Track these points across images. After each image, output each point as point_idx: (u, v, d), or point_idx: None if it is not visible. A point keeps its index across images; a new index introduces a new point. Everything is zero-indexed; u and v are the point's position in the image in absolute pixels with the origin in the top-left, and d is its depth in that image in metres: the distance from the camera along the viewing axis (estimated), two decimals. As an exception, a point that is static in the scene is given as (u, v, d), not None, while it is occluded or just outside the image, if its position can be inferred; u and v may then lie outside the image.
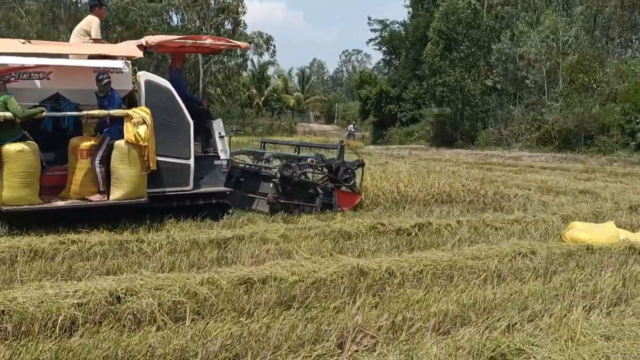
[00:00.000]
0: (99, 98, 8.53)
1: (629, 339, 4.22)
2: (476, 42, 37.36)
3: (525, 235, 8.53)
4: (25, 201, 7.80)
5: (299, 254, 6.69)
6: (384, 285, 5.62)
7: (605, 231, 8.06)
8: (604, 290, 5.59)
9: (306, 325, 4.44)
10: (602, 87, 31.13)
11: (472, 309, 4.99)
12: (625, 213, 10.51)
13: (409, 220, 8.81)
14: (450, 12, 37.25)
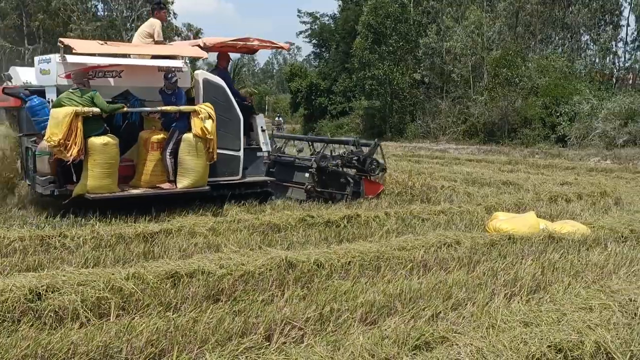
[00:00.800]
0: (167, 95, 9.25)
1: (546, 325, 4.37)
2: (404, 36, 37.88)
3: (451, 225, 8.72)
4: (108, 190, 8.51)
5: (228, 247, 6.67)
6: (313, 277, 5.65)
7: (526, 221, 8.31)
8: (524, 279, 5.77)
9: (234, 319, 4.43)
10: (524, 82, 32.10)
11: (398, 298, 5.08)
12: (545, 203, 10.87)
13: (338, 213, 8.88)
14: (378, 6, 37.62)
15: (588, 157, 23.44)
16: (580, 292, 5.39)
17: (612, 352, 3.96)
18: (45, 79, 9.04)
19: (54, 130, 8.13)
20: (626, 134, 27.39)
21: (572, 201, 11.35)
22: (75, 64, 8.67)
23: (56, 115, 8.21)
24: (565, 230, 8.04)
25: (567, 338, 4.02)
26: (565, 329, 4.23)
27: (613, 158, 23.25)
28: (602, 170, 19.79)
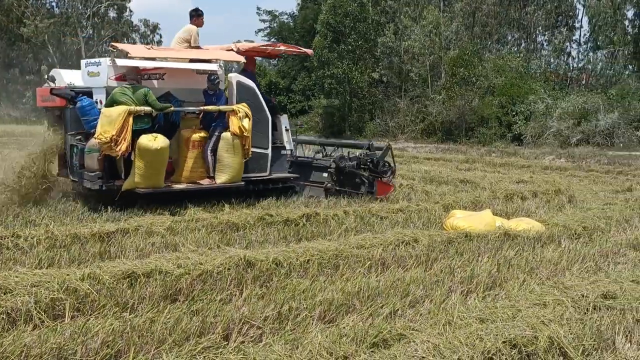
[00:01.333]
0: (209, 95, 9.90)
1: (502, 321, 4.44)
2: (363, 35, 38.00)
3: (409, 224, 8.79)
4: (156, 185, 9.12)
5: (186, 247, 6.61)
6: (271, 276, 5.64)
7: (482, 219, 8.42)
8: (480, 275, 5.85)
9: (191, 318, 4.40)
10: (481, 81, 32.53)
11: (357, 297, 5.10)
12: (502, 201, 11.03)
13: (297, 211, 8.88)
14: (337, 5, 37.68)
15: (543, 156, 23.86)
16: (535, 289, 5.50)
17: (564, 347, 4.04)
18: (93, 81, 9.56)
19: (106, 127, 8.65)
20: (579, 133, 27.98)
21: (528, 199, 11.54)
22: (125, 67, 9.23)
23: (109, 113, 8.73)
24: (521, 228, 8.17)
25: (522, 334, 4.09)
26: (519, 324, 4.30)
27: (567, 156, 23.71)
28: (557, 168, 20.17)
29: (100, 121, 8.79)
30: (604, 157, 22.82)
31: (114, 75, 9.21)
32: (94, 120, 9.02)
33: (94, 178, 9.04)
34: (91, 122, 9.05)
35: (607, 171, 19.40)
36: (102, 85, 9.30)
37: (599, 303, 4.98)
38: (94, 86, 9.51)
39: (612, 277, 5.91)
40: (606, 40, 37.11)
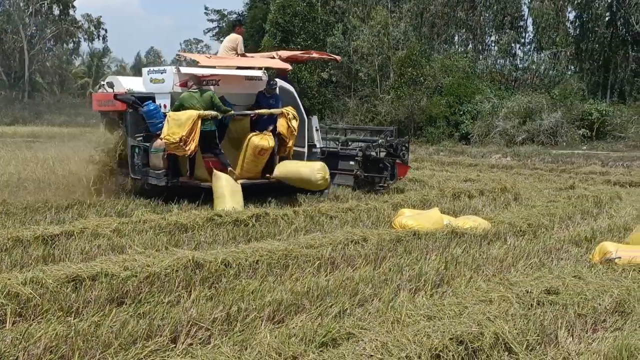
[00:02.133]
0: (266, 98, 10.78)
1: (449, 318, 4.50)
2: (312, 35, 38.04)
3: (358, 223, 8.84)
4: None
5: (133, 249, 6.50)
6: (220, 277, 5.60)
7: (430, 217, 8.51)
8: (428, 273, 5.91)
9: (138, 321, 4.33)
10: (429, 81, 32.95)
11: (306, 296, 5.10)
12: (449, 200, 11.18)
13: (246, 211, 8.83)
14: (286, 4, 37.62)
15: (490, 154, 24.30)
16: (481, 285, 5.59)
17: (509, 342, 4.11)
18: (157, 87, 10.37)
19: (175, 129, 9.45)
20: (524, 132, 28.58)
21: (475, 197, 11.73)
22: (188, 74, 10.07)
23: (177, 117, 9.55)
24: (468, 226, 8.29)
25: (468, 330, 4.15)
26: (466, 321, 4.36)
27: (513, 155, 24.18)
28: (503, 166, 20.57)
29: (167, 123, 9.58)
30: (548, 156, 23.35)
31: (179, 82, 10.03)
32: (159, 122, 9.82)
33: (160, 175, 9.95)
34: (157, 125, 9.85)
35: (551, 169, 19.89)
36: (166, 91, 10.15)
37: (543, 298, 5.09)
38: (158, 92, 10.30)
39: (555, 273, 6.04)
40: (549, 41, 38.01)
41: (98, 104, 11.20)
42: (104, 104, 10.89)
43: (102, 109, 11.20)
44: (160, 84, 10.30)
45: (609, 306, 5.01)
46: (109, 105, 10.69)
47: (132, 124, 10.42)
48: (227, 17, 58.76)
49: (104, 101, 10.84)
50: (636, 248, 7.02)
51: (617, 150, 25.41)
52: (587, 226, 9.21)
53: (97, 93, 11.42)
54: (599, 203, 11.31)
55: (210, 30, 61.31)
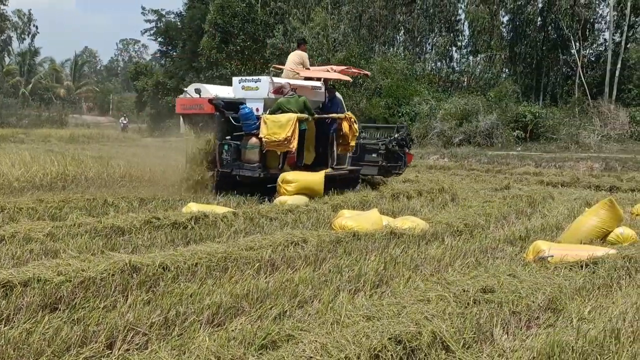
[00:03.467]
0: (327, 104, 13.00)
1: (388, 318, 4.53)
2: (252, 36, 37.90)
3: (298, 224, 8.83)
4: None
5: (67, 253, 6.32)
6: (158, 281, 5.50)
7: (369, 218, 8.58)
8: (367, 274, 5.95)
9: (72, 328, 4.22)
10: (368, 83, 33.22)
11: (246, 299, 5.06)
12: (388, 200, 11.31)
13: (186, 214, 8.72)
14: (225, 5, 37.38)
15: (428, 155, 24.67)
16: (419, 285, 5.66)
17: (447, 341, 4.17)
18: (250, 94, 12.07)
19: (276, 130, 11.11)
20: (461, 134, 29.14)
21: (413, 198, 11.89)
22: (279, 84, 11.89)
23: (277, 119, 11.17)
24: (406, 226, 8.39)
25: (406, 330, 4.19)
26: (404, 321, 4.40)
27: (450, 156, 24.62)
28: (441, 167, 20.93)
29: (265, 125, 11.22)
30: (484, 157, 23.86)
31: (272, 89, 11.81)
32: (253, 124, 11.46)
33: (254, 168, 11.56)
34: (251, 125, 11.49)
35: (487, 170, 20.34)
36: (261, 97, 11.92)
37: (479, 297, 5.18)
38: (251, 97, 11.99)
39: (490, 272, 6.16)
40: (484, 45, 38.84)
41: (182, 108, 12.63)
42: (188, 108, 12.45)
43: (185, 112, 12.61)
44: (254, 91, 12.03)
45: (542, 303, 5.14)
46: (194, 109, 12.29)
47: (219, 124, 11.98)
48: (164, 17, 57.91)
49: (188, 105, 12.46)
50: (568, 247, 7.24)
51: (549, 151, 26.15)
52: (521, 225, 9.45)
53: (181, 98, 13.05)
54: (532, 203, 11.61)
55: (147, 31, 60.27)
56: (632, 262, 6.57)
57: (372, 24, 40.19)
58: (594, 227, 7.93)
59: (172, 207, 9.90)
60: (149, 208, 9.74)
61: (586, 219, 8.11)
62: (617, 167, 20.34)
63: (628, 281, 6.11)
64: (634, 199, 13.19)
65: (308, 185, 11.07)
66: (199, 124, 12.27)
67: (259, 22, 38.94)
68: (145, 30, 61.76)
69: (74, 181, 11.95)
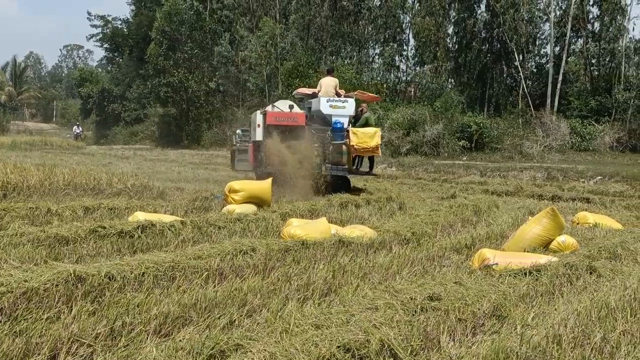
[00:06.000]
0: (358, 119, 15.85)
1: (336, 326, 4.55)
2: (199, 43, 37.68)
3: (247, 233, 8.80)
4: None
5: (8, 263, 6.15)
6: (104, 291, 5.39)
7: (318, 227, 8.60)
8: (316, 282, 5.96)
9: (14, 340, 4.10)
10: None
11: (194, 308, 5.01)
12: (337, 209, 11.36)
13: (132, 223, 8.58)
14: (173, 12, 37.10)
15: (376, 165, 24.83)
16: (368, 293, 5.68)
17: (395, 349, 4.21)
18: (337, 111, 14.94)
19: (366, 139, 14.61)
20: (409, 143, 29.52)
21: (361, 206, 11.97)
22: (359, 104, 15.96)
23: (366, 131, 14.84)
24: (355, 235, 8.43)
25: (355, 338, 4.21)
26: (353, 329, 4.42)
27: (398, 165, 24.88)
28: (389, 176, 21.14)
29: (355, 135, 14.63)
30: (431, 166, 24.20)
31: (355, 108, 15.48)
32: (343, 135, 14.79)
33: (344, 170, 15.10)
34: (342, 135, 14.79)
35: (434, 179, 20.63)
36: (347, 114, 15.16)
37: (426, 305, 5.23)
38: (339, 114, 14.93)
39: (437, 280, 6.24)
40: (430, 56, 39.45)
41: (274, 120, 14.43)
42: (281, 120, 14.44)
43: (278, 124, 14.42)
44: (342, 109, 14.93)
45: (487, 310, 5.23)
46: (288, 121, 14.42)
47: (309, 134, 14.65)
48: (111, 22, 57.07)
49: (281, 118, 14.47)
50: (512, 254, 7.39)
51: (494, 160, 26.68)
52: (467, 234, 9.59)
53: (272, 111, 14.72)
54: (478, 211, 11.82)
55: (93, 36, 59.29)
56: (574, 269, 6.74)
57: (319, 33, 40.40)
58: (537, 236, 8.12)
59: (118, 216, 9.75)
60: (94, 217, 9.57)
61: (529, 227, 8.29)
62: (559, 177, 20.88)
63: (569, 288, 6.26)
64: (574, 208, 13.57)
65: (256, 194, 11.04)
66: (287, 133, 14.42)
67: (207, 30, 38.71)
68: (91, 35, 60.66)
69: (16, 189, 11.63)
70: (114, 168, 19.56)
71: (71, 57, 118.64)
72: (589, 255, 7.53)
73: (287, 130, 14.43)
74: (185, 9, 38.16)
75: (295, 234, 8.18)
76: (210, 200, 11.86)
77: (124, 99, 49.93)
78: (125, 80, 50.46)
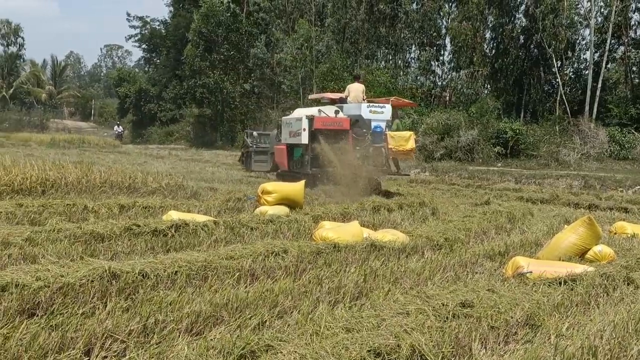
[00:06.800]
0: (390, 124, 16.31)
1: (367, 330, 4.54)
2: (235, 45, 37.92)
3: (279, 235, 8.83)
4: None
5: (46, 258, 6.27)
6: (137, 288, 5.47)
7: (350, 230, 8.58)
8: (347, 286, 5.96)
9: (50, 334, 4.18)
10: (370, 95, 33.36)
11: (225, 308, 5.05)
12: (369, 213, 11.33)
13: (166, 222, 8.67)
14: (210, 14, 37.40)
15: (409, 169, 24.74)
16: (399, 298, 5.66)
17: (425, 354, 4.19)
18: (376, 116, 15.74)
19: (402, 142, 15.00)
20: (442, 148, 29.33)
21: (394, 211, 11.92)
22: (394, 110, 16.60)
23: (402, 135, 15.25)
24: (387, 239, 8.40)
25: (386, 342, 4.21)
26: (383, 333, 4.42)
27: (431, 170, 24.74)
28: (422, 181, 21.03)
29: (392, 139, 15.02)
30: (465, 172, 24.01)
31: (392, 115, 16.13)
32: (382, 137, 15.41)
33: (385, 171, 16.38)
34: (381, 138, 15.44)
35: (468, 185, 20.46)
36: (385, 119, 15.80)
37: (458, 311, 5.20)
38: (377, 119, 15.71)
39: (469, 287, 6.19)
40: (466, 61, 39.15)
41: (322, 124, 15.19)
42: (328, 125, 15.27)
43: (325, 128, 15.19)
44: (380, 115, 15.74)
45: (520, 319, 5.17)
46: (334, 126, 15.31)
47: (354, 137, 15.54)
48: (149, 24, 57.81)
49: (328, 122, 15.32)
50: (546, 263, 7.29)
51: (529, 168, 26.37)
52: (500, 241, 9.49)
53: (319, 116, 15.40)
54: (512, 219, 11.69)
55: (132, 37, 60.12)
56: (610, 280, 6.63)
57: (355, 36, 40.36)
58: (573, 245, 8.00)
59: (152, 215, 9.87)
60: (129, 215, 9.70)
61: (565, 236, 8.18)
62: (596, 186, 20.55)
63: (606, 299, 6.17)
64: (612, 217, 13.33)
65: (288, 196, 11.08)
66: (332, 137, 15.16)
67: (243, 31, 38.96)
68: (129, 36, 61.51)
69: (54, 186, 11.84)
70: (149, 167, 19.78)
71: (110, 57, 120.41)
72: (626, 266, 7.39)
73: (331, 134, 15.17)
74: (222, 11, 38.45)
75: (327, 237, 8.17)
76: (243, 201, 11.92)
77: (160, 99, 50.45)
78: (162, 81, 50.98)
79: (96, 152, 32.98)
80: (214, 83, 38.02)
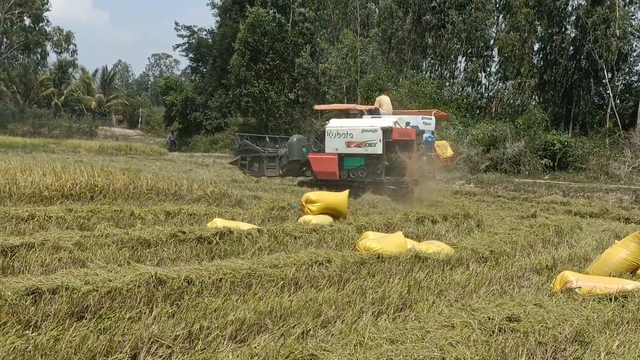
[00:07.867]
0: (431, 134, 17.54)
1: (411, 342, 4.50)
2: (281, 55, 38.18)
3: (322, 244, 8.82)
4: None
5: (94, 263, 6.39)
6: (182, 294, 5.52)
7: (394, 241, 8.53)
8: (391, 297, 5.92)
9: (98, 337, 4.25)
10: (395, 106, 33.21)
11: (269, 316, 5.06)
12: (413, 224, 11.25)
13: (211, 229, 8.76)
14: (256, 24, 37.74)
15: (453, 180, 24.55)
16: (444, 310, 5.60)
17: (471, 368, 4.13)
18: (427, 127, 17.14)
19: (443, 150, 17.41)
20: (488, 160, 29.00)
21: (438, 222, 11.82)
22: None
23: (442, 144, 17.73)
24: (431, 250, 8.33)
25: (430, 355, 4.17)
26: (428, 345, 4.37)
27: (476, 182, 24.49)
28: (466, 193, 20.82)
29: (438, 147, 17.14)
30: (511, 184, 23.71)
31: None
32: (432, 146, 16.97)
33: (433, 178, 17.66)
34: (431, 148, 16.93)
35: (514, 197, 20.18)
36: (432, 129, 17.38)
37: (504, 325, 5.12)
38: (427, 129, 17.09)
39: (516, 301, 6.09)
40: (514, 71, 38.68)
41: (399, 135, 15.88)
42: (403, 136, 16.03)
43: (401, 139, 15.99)
44: (429, 126, 17.22)
45: (569, 335, 5.06)
46: (406, 137, 16.13)
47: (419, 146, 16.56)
48: (197, 33, 58.66)
49: (402, 133, 16.03)
50: (596, 278, 7.12)
51: (578, 181, 25.90)
52: (548, 255, 9.32)
53: (396, 128, 15.95)
54: (560, 232, 11.48)
55: (179, 46, 61.09)
56: (662, 297, 6.45)
57: (400, 46, 40.23)
58: (624, 260, 7.80)
59: (197, 222, 9.97)
60: (174, 221, 9.82)
61: (615, 251, 7.98)
62: (648, 200, 20.07)
63: (657, 316, 6.00)
64: (664, 233, 12.97)
65: (332, 206, 11.07)
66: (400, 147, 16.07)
67: (289, 41, 39.22)
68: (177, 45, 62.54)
69: (102, 192, 12.06)
70: (194, 175, 20.02)
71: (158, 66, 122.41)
72: (678, 283, 7.18)
73: (402, 144, 16.16)
74: (268, 21, 38.79)
75: (371, 247, 8.13)
76: (287, 210, 11.96)
77: (206, 108, 51.01)
78: (208, 90, 51.57)
79: (143, 160, 33.51)
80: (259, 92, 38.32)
